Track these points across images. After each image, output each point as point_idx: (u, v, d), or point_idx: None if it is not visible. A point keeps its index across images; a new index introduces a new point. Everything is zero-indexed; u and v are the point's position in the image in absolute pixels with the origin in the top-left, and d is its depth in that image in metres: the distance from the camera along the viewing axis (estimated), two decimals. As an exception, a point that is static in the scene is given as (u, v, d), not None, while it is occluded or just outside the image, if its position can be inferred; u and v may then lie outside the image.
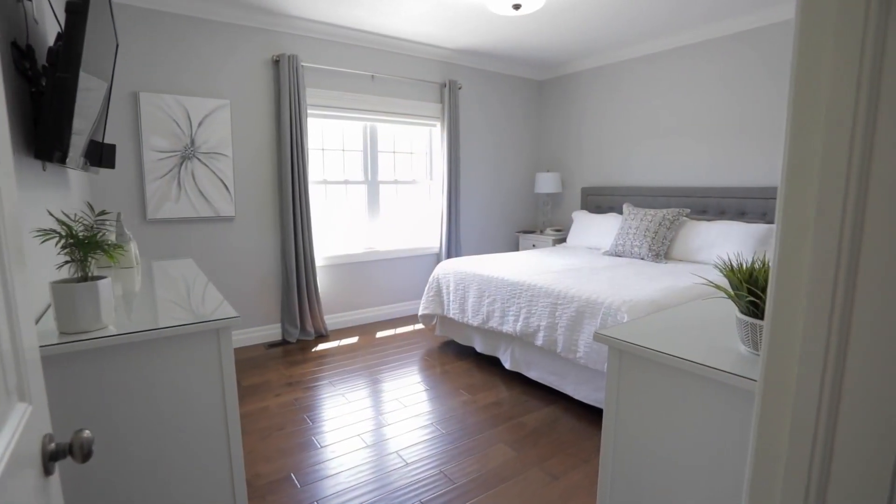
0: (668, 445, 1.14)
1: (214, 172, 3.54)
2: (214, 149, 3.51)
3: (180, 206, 3.43)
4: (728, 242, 3.48)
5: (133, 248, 2.14)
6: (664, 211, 3.82)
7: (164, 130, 3.30)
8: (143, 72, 3.23)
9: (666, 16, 3.64)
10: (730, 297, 1.07)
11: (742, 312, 1.06)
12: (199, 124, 3.43)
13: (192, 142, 3.42)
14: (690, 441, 1.09)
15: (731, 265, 1.07)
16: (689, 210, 3.82)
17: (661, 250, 3.70)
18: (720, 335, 1.23)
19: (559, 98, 5.28)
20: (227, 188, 3.60)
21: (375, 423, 2.60)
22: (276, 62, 3.72)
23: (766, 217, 3.61)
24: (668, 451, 1.14)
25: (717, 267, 1.15)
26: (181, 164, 3.40)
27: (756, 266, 1.03)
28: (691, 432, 1.09)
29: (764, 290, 0.99)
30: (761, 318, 1.01)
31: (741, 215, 3.76)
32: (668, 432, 1.13)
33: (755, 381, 0.94)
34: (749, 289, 1.01)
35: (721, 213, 3.87)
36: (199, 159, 3.46)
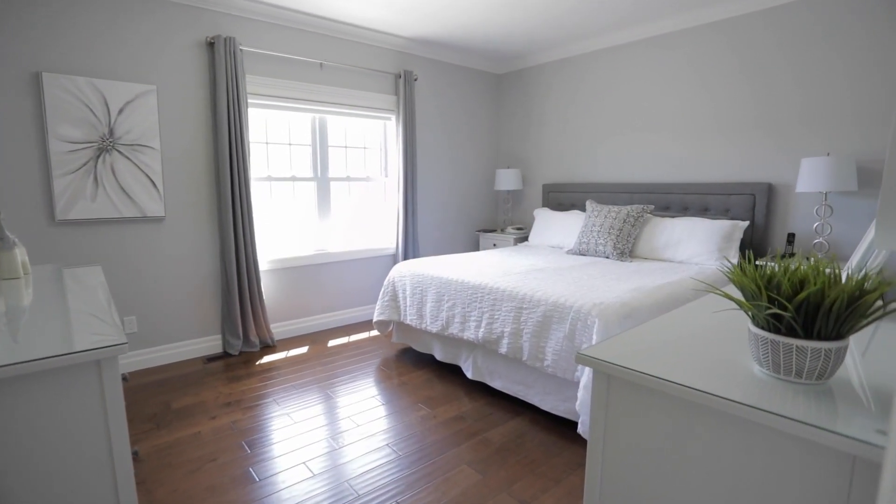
0: (668, 490, 0.93)
1: (139, 167, 3.13)
2: (138, 140, 3.11)
3: (98, 206, 3.01)
4: (693, 239, 3.40)
5: (19, 254, 1.76)
6: (628, 208, 3.71)
7: (75, 118, 2.87)
8: (48, 48, 2.79)
9: (631, 5, 3.52)
10: (743, 307, 0.87)
11: (759, 326, 0.86)
12: (120, 112, 3.02)
13: (111, 132, 3.00)
14: (696, 485, 0.89)
15: (744, 268, 0.88)
16: (652, 206, 3.73)
17: (626, 248, 3.58)
18: (724, 350, 1.04)
19: (519, 92, 5.11)
20: (154, 185, 3.20)
21: (325, 447, 2.31)
22: (211, 44, 3.35)
23: (728, 213, 3.55)
24: (667, 497, 0.94)
25: (722, 271, 0.96)
26: (98, 156, 2.98)
27: (776, 269, 0.84)
28: (697, 474, 0.88)
29: (790, 299, 0.80)
30: (787, 333, 0.82)
31: (704, 211, 3.69)
32: (667, 473, 0.93)
33: (790, 419, 0.74)
34: (771, 297, 0.81)
35: (684, 210, 3.80)
36: (119, 152, 3.05)
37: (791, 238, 3.23)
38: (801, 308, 0.79)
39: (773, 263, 0.86)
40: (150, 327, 3.32)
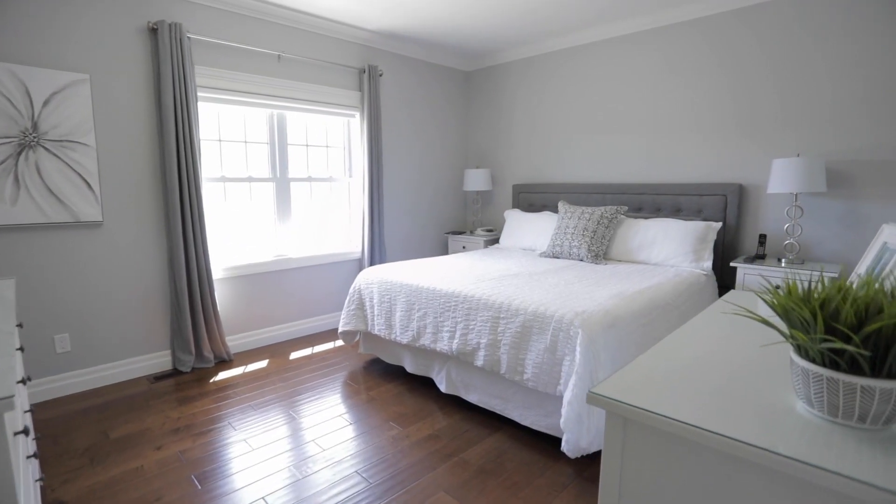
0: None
1: (70, 166, 2.79)
2: (68, 136, 2.77)
3: (20, 210, 2.65)
4: (668, 240, 3.33)
5: None
6: (601, 209, 3.62)
7: (-10, 110, 2.52)
8: (-44, 31, 2.43)
9: (604, 1, 3.42)
10: (789, 337, 0.73)
11: (807, 358, 0.72)
12: (45, 103, 2.67)
13: (35, 126, 2.66)
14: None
15: (789, 288, 0.73)
16: (626, 208, 3.65)
17: (601, 251, 3.49)
18: (752, 381, 0.90)
19: (488, 90, 4.97)
20: (88, 186, 2.87)
21: (286, 478, 2.08)
22: (154, 30, 3.04)
23: (701, 214, 3.52)
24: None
25: (759, 295, 0.81)
26: (19, 153, 2.63)
27: (829, 290, 0.70)
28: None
29: (856, 329, 0.66)
30: (850, 371, 0.68)
31: (677, 212, 3.64)
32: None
33: (872, 486, 0.60)
34: (831, 326, 0.67)
35: (657, 211, 3.74)
36: (46, 149, 2.70)
37: (763, 239, 3.21)
38: (869, 340, 0.65)
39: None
40: (86, 345, 2.97)
